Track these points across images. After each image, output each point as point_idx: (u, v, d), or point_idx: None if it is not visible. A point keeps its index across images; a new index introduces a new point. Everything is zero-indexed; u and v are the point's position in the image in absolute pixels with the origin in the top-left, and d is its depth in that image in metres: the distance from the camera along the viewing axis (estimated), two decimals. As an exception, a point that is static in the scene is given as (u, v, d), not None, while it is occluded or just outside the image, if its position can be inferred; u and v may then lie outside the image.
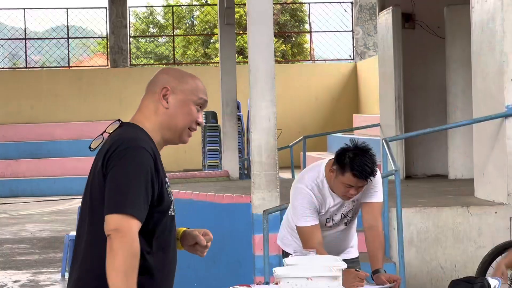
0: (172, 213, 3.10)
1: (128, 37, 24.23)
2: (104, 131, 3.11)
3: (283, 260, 3.83)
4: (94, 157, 3.12)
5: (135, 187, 2.88)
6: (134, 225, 2.85)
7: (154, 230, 3.00)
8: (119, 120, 3.14)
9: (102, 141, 3.09)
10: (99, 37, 29.82)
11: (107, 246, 2.84)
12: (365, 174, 4.40)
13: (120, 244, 2.82)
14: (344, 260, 4.55)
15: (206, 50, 32.07)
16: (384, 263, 4.69)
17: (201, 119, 3.15)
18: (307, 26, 30.45)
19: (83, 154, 21.40)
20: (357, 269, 4.82)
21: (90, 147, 3.12)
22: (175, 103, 3.10)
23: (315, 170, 4.64)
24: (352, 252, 4.91)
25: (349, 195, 4.51)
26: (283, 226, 4.98)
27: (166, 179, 3.09)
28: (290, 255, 4.29)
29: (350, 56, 25.03)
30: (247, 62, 7.54)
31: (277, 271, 3.46)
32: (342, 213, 4.68)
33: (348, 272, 4.21)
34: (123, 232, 2.83)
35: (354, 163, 4.40)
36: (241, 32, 28.12)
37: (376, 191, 4.67)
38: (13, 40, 25.96)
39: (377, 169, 4.64)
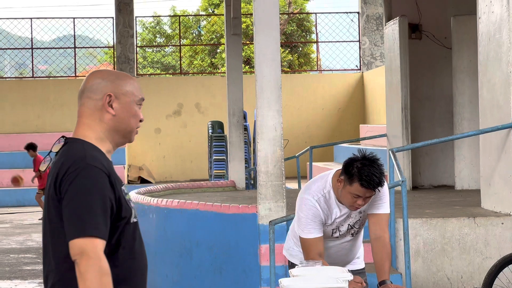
0: (135, 220, 3.10)
1: (135, 47, 24.28)
2: (50, 151, 3.12)
3: (289, 270, 3.82)
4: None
5: (92, 207, 2.89)
6: (98, 245, 2.87)
7: (119, 241, 3.02)
8: (63, 136, 3.12)
9: (50, 162, 3.09)
10: (105, 47, 29.90)
11: (76, 271, 2.86)
12: (373, 184, 4.39)
13: (88, 267, 2.84)
14: (350, 270, 4.54)
15: (213, 60, 32.12)
16: (390, 274, 4.68)
17: (142, 116, 3.18)
18: (313, 36, 30.50)
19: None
20: (364, 279, 4.81)
21: (39, 170, 3.15)
22: (120, 108, 3.10)
23: (322, 181, 4.63)
24: (359, 263, 4.90)
25: (357, 206, 4.50)
26: (289, 236, 4.97)
27: (123, 187, 3.09)
28: (296, 266, 4.28)
29: (356, 66, 25.03)
30: (253, 72, 7.54)
31: (283, 281, 3.45)
32: (348, 224, 4.66)
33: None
34: (89, 254, 2.85)
35: (362, 173, 4.39)
36: (247, 42, 28.16)
37: (383, 202, 4.66)
38: (20, 50, 26.03)
39: (385, 180, 4.63)
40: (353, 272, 4.69)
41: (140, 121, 3.15)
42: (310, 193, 4.61)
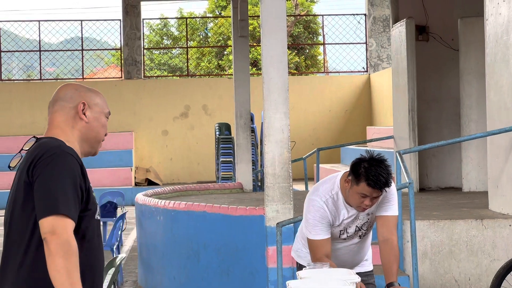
0: (98, 217, 3.22)
1: (142, 49, 24.31)
2: (22, 149, 3.23)
3: (296, 272, 3.82)
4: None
5: (64, 188, 2.99)
6: (68, 225, 2.96)
7: (84, 234, 3.11)
8: (34, 136, 3.26)
9: (20, 159, 3.21)
10: (113, 49, 29.95)
11: (45, 250, 2.93)
12: (380, 184, 4.39)
13: (58, 246, 2.91)
14: (358, 273, 4.55)
15: (220, 62, 32.14)
16: (398, 276, 4.67)
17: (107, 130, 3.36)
18: (320, 38, 30.49)
19: (96, 165, 21.45)
20: (371, 282, 4.80)
21: (9, 166, 3.27)
22: (92, 117, 3.28)
23: (330, 182, 4.64)
24: (367, 265, 4.89)
25: (364, 206, 4.50)
26: (298, 238, 4.97)
27: (90, 184, 3.22)
28: (304, 268, 4.29)
29: (363, 68, 25.02)
30: (260, 74, 7.55)
31: (291, 284, 3.45)
32: (356, 226, 4.66)
33: None
34: (58, 233, 2.92)
35: (369, 173, 4.39)
36: (254, 44, 28.17)
37: (392, 204, 4.65)
38: (27, 52, 26.09)
39: (392, 182, 4.63)
40: (361, 274, 4.69)
41: (105, 134, 3.32)
42: (318, 194, 4.62)
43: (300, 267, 4.81)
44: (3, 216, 3.26)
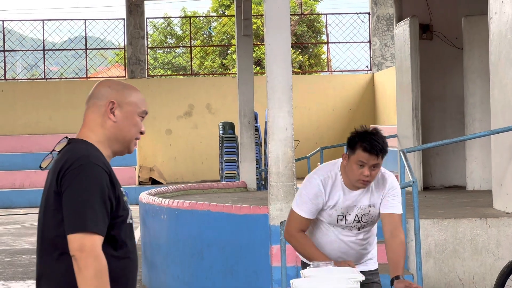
0: (131, 221, 3.19)
1: (146, 48, 24.32)
2: (53, 150, 3.18)
3: (300, 271, 3.83)
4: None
5: (93, 203, 2.97)
6: (97, 241, 2.95)
7: (116, 239, 3.10)
8: (66, 137, 3.21)
9: (52, 160, 3.18)
10: (116, 48, 29.97)
11: (74, 267, 2.94)
12: (375, 148, 4.45)
13: (87, 264, 2.91)
14: (363, 271, 4.55)
15: (224, 61, 32.15)
16: (403, 271, 4.66)
17: (144, 128, 3.28)
18: (324, 37, 30.48)
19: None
20: (376, 281, 4.79)
21: (40, 167, 3.22)
22: (122, 116, 3.20)
23: (332, 163, 4.72)
24: (372, 264, 4.87)
25: (364, 178, 4.50)
26: None
27: (121, 188, 3.19)
28: (308, 266, 4.29)
29: (367, 67, 25.01)
30: (264, 73, 7.55)
31: (295, 282, 3.45)
32: (356, 215, 4.66)
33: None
34: (87, 251, 2.92)
35: (364, 139, 4.48)
36: (258, 43, 28.17)
37: (397, 202, 4.66)
38: (31, 51, 26.12)
39: (396, 180, 4.64)
40: (366, 273, 4.68)
41: (141, 133, 3.25)
42: (317, 173, 4.69)
43: (305, 265, 4.81)
44: (37, 214, 3.25)
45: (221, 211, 8.13)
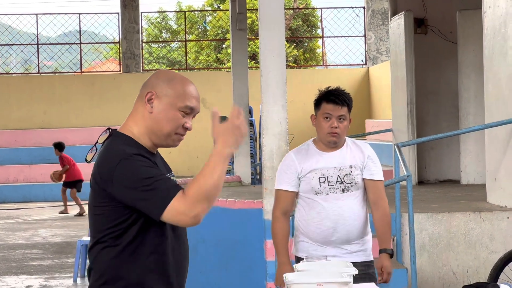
0: None
1: (141, 43, 24.29)
2: (97, 142, 3.16)
3: (294, 265, 3.83)
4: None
5: (152, 181, 2.96)
6: (178, 195, 2.96)
7: (164, 230, 3.13)
8: (109, 128, 3.17)
9: (96, 153, 3.14)
10: (111, 42, 29.93)
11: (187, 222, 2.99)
12: (338, 98, 4.69)
13: (194, 204, 2.95)
14: (358, 262, 4.57)
15: (219, 55, 32.13)
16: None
17: (189, 124, 3.15)
18: (319, 31, 30.46)
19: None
20: (369, 273, 4.78)
21: (86, 160, 3.19)
22: (159, 108, 3.11)
23: (304, 143, 4.92)
24: (366, 255, 4.83)
25: (333, 130, 4.68)
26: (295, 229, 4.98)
27: (170, 174, 3.19)
28: (302, 260, 4.29)
29: (362, 61, 25.01)
30: (259, 67, 7.55)
31: (288, 276, 3.46)
32: (338, 176, 4.71)
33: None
34: (181, 211, 2.94)
35: (325, 94, 4.74)
36: (253, 37, 28.15)
37: (377, 168, 4.80)
38: (25, 46, 26.07)
39: (371, 148, 4.86)
40: (360, 263, 4.68)
41: (186, 128, 3.14)
42: (290, 151, 4.90)
43: (298, 259, 4.81)
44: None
45: (216, 206, 8.11)
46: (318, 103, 4.77)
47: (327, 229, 4.68)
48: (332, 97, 4.70)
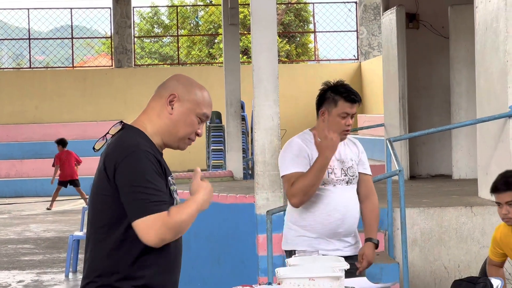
0: None
1: (133, 37, 24.25)
2: (107, 133, 3.19)
3: (286, 260, 3.84)
4: (97, 157, 3.22)
5: (150, 185, 3.01)
6: (160, 217, 3.00)
7: None
8: (121, 122, 3.21)
9: (105, 143, 3.18)
10: (103, 37, 29.86)
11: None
12: (357, 97, 4.68)
13: (164, 230, 3.00)
14: (350, 256, 4.59)
15: (211, 50, 32.09)
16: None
17: (201, 130, 3.24)
18: (311, 26, 30.46)
19: (87, 154, 21.36)
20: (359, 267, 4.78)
21: (94, 148, 3.22)
22: (179, 111, 3.19)
23: (299, 133, 4.86)
24: (352, 250, 4.84)
25: (347, 128, 4.70)
26: (286, 222, 4.97)
27: (170, 177, 3.21)
28: (294, 255, 4.28)
29: (354, 56, 25.03)
30: (251, 62, 7.54)
31: (280, 271, 3.46)
32: (342, 169, 4.75)
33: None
34: (153, 229, 2.98)
35: (341, 91, 4.69)
36: (245, 32, 28.12)
37: (367, 164, 4.89)
38: (17, 40, 26.00)
39: (357, 141, 4.95)
40: (353, 258, 4.71)
41: (197, 134, 3.23)
42: (293, 138, 4.82)
43: (289, 254, 4.81)
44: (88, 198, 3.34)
45: (208, 200, 8.11)
46: (333, 99, 4.69)
47: (335, 221, 4.70)
48: (352, 96, 4.67)
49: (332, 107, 4.69)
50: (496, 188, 5.04)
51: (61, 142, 18.16)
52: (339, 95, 4.67)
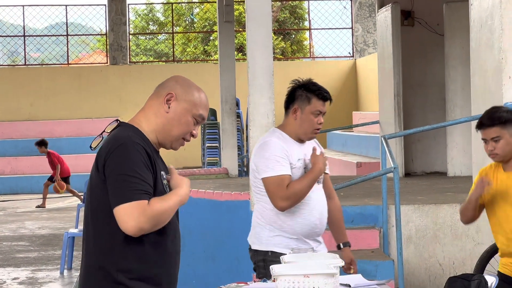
0: None
1: (128, 34, 24.22)
2: (104, 131, 3.23)
3: (280, 257, 3.83)
4: (92, 154, 3.24)
5: (135, 174, 3.03)
6: (139, 205, 3.01)
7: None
8: (117, 120, 3.26)
9: (101, 140, 3.21)
10: (98, 34, 29.83)
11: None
12: (328, 94, 4.68)
13: (144, 218, 3.00)
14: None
15: (206, 47, 32.07)
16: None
17: (196, 131, 3.28)
18: (306, 23, 30.46)
19: (83, 151, 21.39)
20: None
21: (91, 147, 3.27)
22: (175, 110, 3.23)
23: (269, 132, 4.75)
24: (325, 247, 4.84)
25: (318, 126, 4.68)
26: (256, 220, 4.95)
27: (163, 172, 3.22)
28: (288, 252, 4.28)
29: (349, 53, 25.03)
30: (246, 59, 7.54)
31: (274, 268, 3.46)
32: None
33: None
34: (131, 216, 2.99)
35: (313, 89, 4.65)
36: (240, 29, 28.11)
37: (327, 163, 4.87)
38: (12, 37, 25.95)
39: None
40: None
41: (192, 135, 3.27)
42: (266, 137, 4.69)
43: (255, 253, 4.80)
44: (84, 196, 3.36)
45: (203, 198, 8.13)
46: (306, 97, 4.63)
47: (314, 220, 4.66)
48: (325, 94, 4.65)
49: (305, 104, 4.64)
50: (482, 124, 5.02)
51: (43, 143, 17.96)
52: (312, 93, 4.63)
